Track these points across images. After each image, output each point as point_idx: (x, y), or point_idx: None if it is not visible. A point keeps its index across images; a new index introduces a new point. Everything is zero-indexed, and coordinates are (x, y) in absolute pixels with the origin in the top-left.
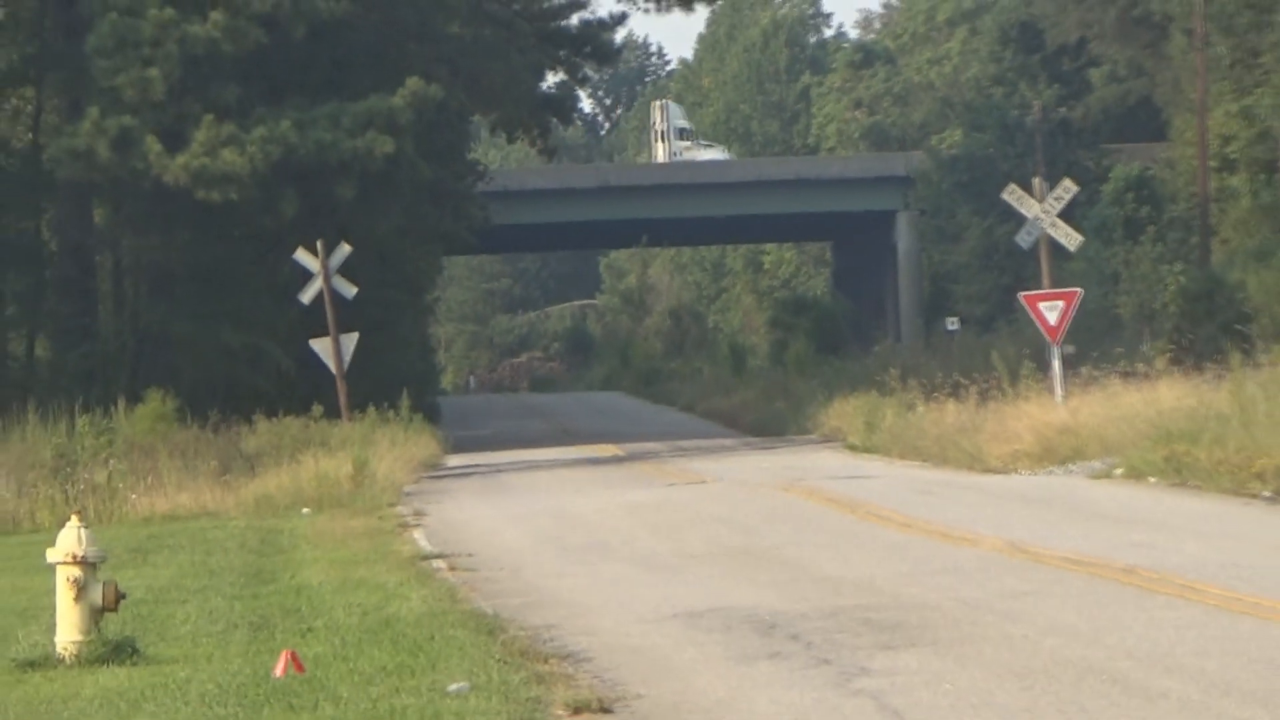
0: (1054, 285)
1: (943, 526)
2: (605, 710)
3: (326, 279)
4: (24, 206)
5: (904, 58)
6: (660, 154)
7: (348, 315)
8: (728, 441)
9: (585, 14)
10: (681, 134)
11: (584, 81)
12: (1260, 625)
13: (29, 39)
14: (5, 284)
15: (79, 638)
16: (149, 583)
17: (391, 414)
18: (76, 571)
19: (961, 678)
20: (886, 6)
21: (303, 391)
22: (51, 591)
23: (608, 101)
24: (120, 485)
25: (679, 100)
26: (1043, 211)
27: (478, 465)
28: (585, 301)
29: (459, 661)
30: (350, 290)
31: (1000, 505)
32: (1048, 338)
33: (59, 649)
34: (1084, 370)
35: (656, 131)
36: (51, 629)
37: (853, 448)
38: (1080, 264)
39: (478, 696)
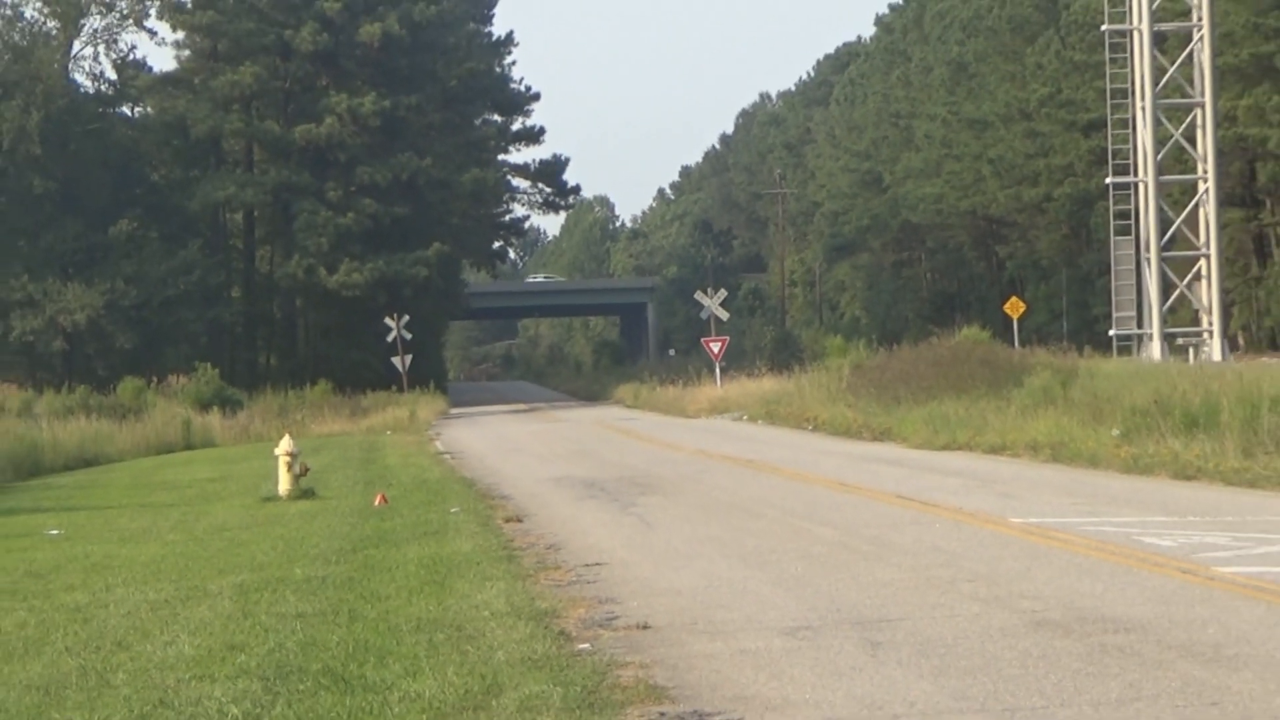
0: (717, 334)
1: (667, 441)
2: (520, 520)
3: (398, 331)
4: (265, 299)
5: (652, 235)
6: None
7: (408, 346)
8: (573, 403)
9: (511, 215)
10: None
11: (511, 244)
12: (806, 485)
13: (268, 224)
14: (258, 331)
15: (288, 488)
16: (319, 463)
17: (426, 390)
18: (288, 458)
19: (676, 508)
20: (643, 212)
21: (387, 380)
22: (276, 467)
23: (521, 253)
24: (306, 421)
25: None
26: (712, 302)
27: (464, 413)
28: (511, 341)
29: (456, 498)
30: (408, 335)
31: (693, 432)
32: (713, 360)
33: (279, 492)
34: (730, 373)
35: None
36: (275, 483)
37: (629, 407)
38: (728, 327)
39: (464, 515)
